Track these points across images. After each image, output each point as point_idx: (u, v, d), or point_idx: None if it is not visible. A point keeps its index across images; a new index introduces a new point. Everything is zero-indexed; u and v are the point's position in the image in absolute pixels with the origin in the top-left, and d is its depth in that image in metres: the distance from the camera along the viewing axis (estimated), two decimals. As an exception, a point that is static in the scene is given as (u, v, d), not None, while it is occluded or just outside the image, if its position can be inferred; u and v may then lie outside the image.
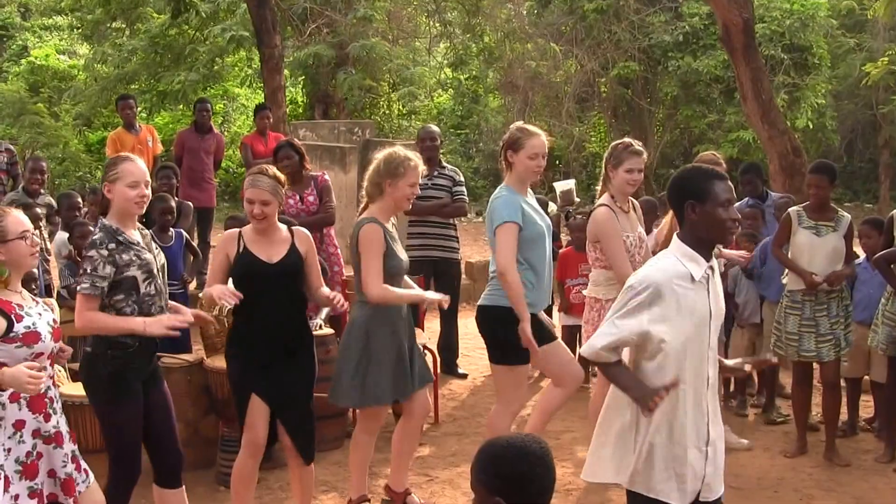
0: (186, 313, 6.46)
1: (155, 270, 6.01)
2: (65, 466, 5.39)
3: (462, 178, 10.89)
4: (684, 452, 4.85)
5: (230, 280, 6.62)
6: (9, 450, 5.23)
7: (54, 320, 5.48)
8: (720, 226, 4.80)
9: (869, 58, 22.23)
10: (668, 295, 4.77)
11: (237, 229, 6.69)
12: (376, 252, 6.87)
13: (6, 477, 5.19)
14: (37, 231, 5.64)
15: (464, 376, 11.15)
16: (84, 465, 5.60)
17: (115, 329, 5.83)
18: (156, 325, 5.84)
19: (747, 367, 5.34)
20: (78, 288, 5.83)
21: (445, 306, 7.50)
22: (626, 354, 5.03)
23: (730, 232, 4.86)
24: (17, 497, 5.20)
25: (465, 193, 10.81)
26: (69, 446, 5.46)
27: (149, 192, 6.07)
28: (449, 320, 10.98)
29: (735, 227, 4.85)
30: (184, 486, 6.43)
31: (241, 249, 6.55)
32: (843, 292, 8.48)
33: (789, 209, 8.76)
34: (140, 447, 6.12)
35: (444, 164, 10.94)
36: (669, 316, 4.78)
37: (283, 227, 6.73)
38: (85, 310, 5.78)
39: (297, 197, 9.74)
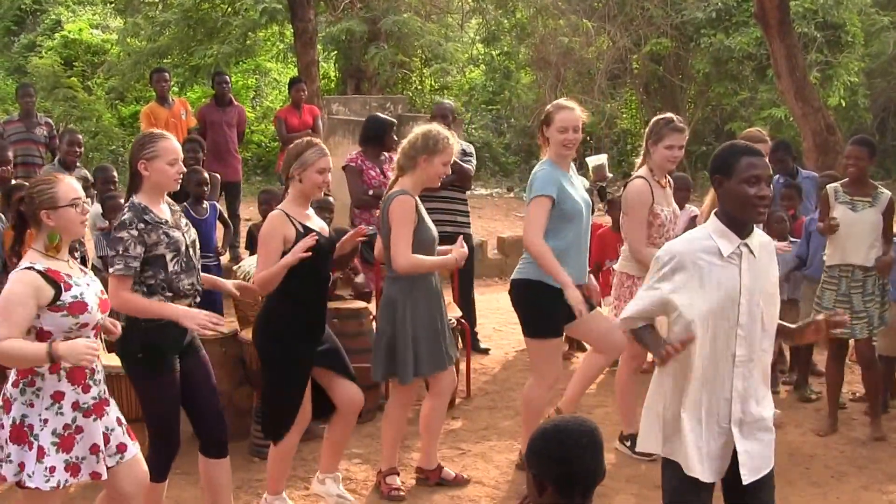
0: (227, 287, 6.54)
1: (183, 248, 6.03)
2: (113, 431, 5.41)
3: (472, 151, 10.84)
4: (699, 425, 4.91)
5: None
6: (45, 420, 5.20)
7: (102, 291, 5.48)
8: (744, 202, 4.80)
9: (903, 35, 22.15)
10: (691, 267, 4.84)
11: (280, 210, 6.63)
12: (407, 223, 6.93)
13: (41, 447, 5.17)
14: (88, 199, 5.64)
15: (485, 351, 11.13)
16: (124, 436, 5.55)
17: (151, 313, 5.89)
18: (190, 319, 5.84)
19: (819, 317, 5.19)
20: (111, 269, 5.88)
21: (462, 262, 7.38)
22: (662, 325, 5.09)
23: (755, 209, 4.80)
24: (52, 469, 5.17)
25: (474, 164, 10.69)
26: (114, 412, 5.48)
27: (183, 167, 6.13)
28: (465, 295, 10.95)
29: (762, 205, 4.79)
30: (226, 459, 6.48)
31: (299, 228, 6.55)
32: None
33: (827, 186, 8.76)
34: (178, 419, 6.17)
35: (459, 140, 10.91)
36: (691, 287, 4.84)
37: None
38: (120, 291, 5.83)
39: (378, 169, 9.86)
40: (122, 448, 5.47)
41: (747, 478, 4.93)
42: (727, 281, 4.84)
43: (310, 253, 6.39)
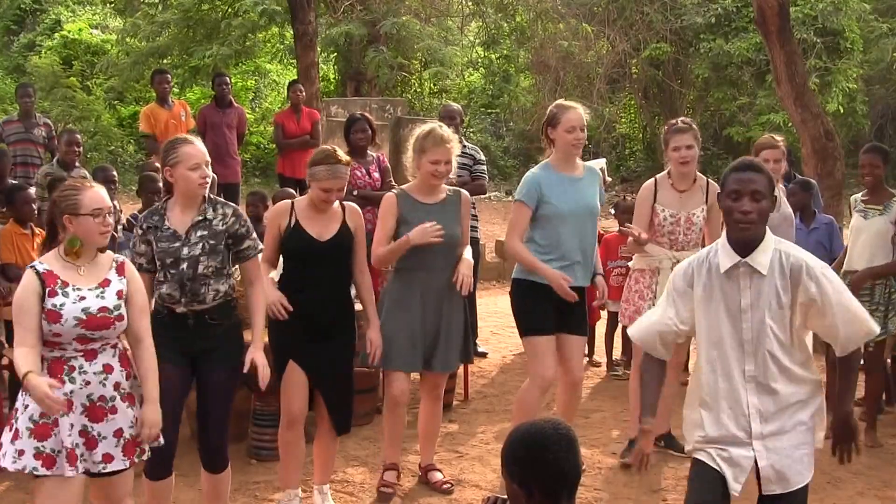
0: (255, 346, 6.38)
1: (169, 261, 6.03)
2: (70, 436, 5.31)
3: (483, 157, 10.83)
4: (722, 438, 4.92)
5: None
6: (26, 406, 5.24)
7: (103, 308, 5.33)
8: (727, 216, 4.84)
9: (902, 42, 22.22)
10: (697, 282, 4.89)
11: (289, 201, 6.80)
12: (382, 219, 7.14)
13: (16, 430, 5.24)
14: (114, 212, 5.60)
15: (483, 355, 11.15)
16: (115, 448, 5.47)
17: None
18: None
19: None
20: None
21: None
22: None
23: (736, 224, 4.80)
24: (21, 452, 5.21)
25: (485, 172, 10.75)
26: (79, 419, 5.35)
27: (210, 171, 6.11)
28: (468, 299, 10.92)
29: (742, 220, 4.76)
30: (225, 472, 6.48)
31: (291, 223, 6.64)
32: (889, 279, 8.49)
33: (851, 196, 8.82)
34: (174, 418, 6.08)
35: (465, 143, 10.91)
36: (697, 303, 4.89)
37: (335, 201, 6.81)
38: None
39: (364, 170, 9.85)
40: (107, 458, 5.41)
41: (768, 488, 4.95)
42: (727, 297, 4.87)
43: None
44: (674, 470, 7.90)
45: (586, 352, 10.40)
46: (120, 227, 9.47)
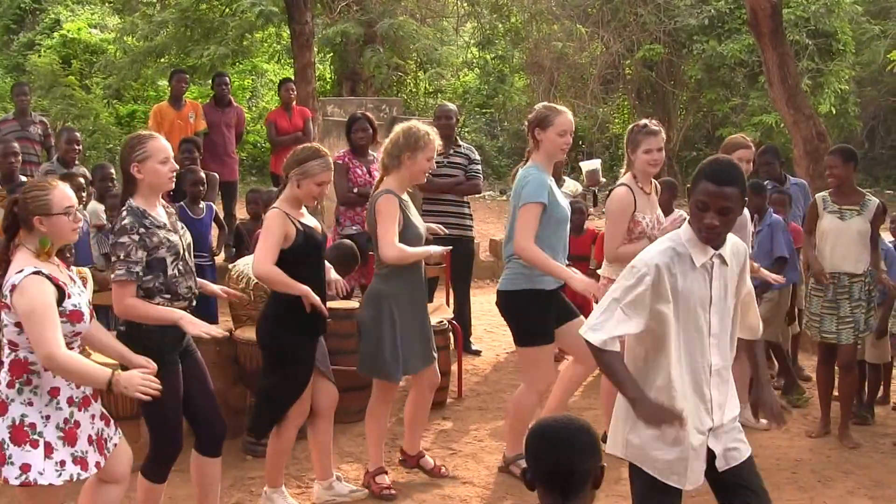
0: (214, 290, 6.65)
1: (181, 251, 6.04)
2: (93, 426, 5.41)
3: (478, 157, 10.92)
4: (684, 435, 4.86)
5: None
6: (48, 416, 5.20)
7: (89, 301, 5.50)
8: (696, 224, 4.81)
9: (893, 45, 22.24)
10: (667, 276, 4.78)
11: (278, 209, 6.66)
12: (391, 220, 7.00)
13: (47, 443, 5.16)
14: (80, 206, 5.62)
15: (477, 353, 11.22)
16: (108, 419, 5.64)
17: (155, 318, 5.84)
18: (192, 325, 5.84)
19: None
20: (113, 276, 5.83)
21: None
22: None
23: (702, 235, 4.79)
24: (62, 463, 5.17)
25: (480, 172, 10.81)
26: (96, 406, 5.49)
27: (175, 165, 6.11)
28: (462, 297, 11.00)
29: (707, 234, 4.75)
30: (219, 458, 6.52)
31: (298, 227, 6.63)
32: (867, 277, 8.55)
33: (816, 195, 8.85)
34: (181, 421, 6.15)
35: (460, 142, 10.98)
36: (666, 297, 4.80)
37: None
38: (124, 297, 5.81)
39: (365, 168, 9.93)
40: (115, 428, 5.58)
41: (720, 464, 5.01)
42: (698, 290, 4.85)
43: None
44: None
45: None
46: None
